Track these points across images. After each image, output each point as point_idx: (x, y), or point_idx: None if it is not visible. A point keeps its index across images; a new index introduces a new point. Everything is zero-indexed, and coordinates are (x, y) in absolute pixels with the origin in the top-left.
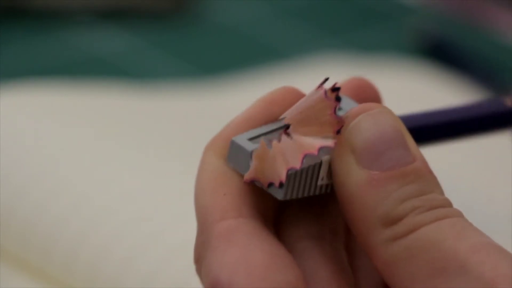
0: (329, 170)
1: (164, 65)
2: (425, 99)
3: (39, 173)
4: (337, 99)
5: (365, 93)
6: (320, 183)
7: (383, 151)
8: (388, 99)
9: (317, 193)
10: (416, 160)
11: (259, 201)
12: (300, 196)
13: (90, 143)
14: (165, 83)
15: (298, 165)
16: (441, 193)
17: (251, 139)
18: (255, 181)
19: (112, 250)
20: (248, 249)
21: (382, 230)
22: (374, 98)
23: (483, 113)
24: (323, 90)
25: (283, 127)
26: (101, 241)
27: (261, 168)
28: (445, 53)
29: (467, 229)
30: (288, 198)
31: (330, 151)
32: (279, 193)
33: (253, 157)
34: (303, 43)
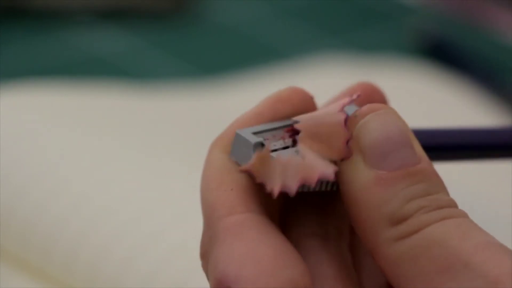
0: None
1: (164, 65)
2: (425, 99)
3: (39, 173)
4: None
5: (372, 98)
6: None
7: (390, 151)
8: (388, 99)
9: (317, 189)
10: (422, 161)
11: (265, 197)
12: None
13: (90, 143)
14: (165, 83)
15: (293, 191)
16: (447, 194)
17: (255, 133)
18: (250, 173)
19: (112, 250)
20: (255, 244)
21: (387, 229)
22: (381, 102)
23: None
24: (345, 117)
25: (288, 125)
26: (101, 241)
27: (259, 168)
28: (445, 53)
29: (472, 229)
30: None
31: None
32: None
33: (255, 155)
34: (303, 43)
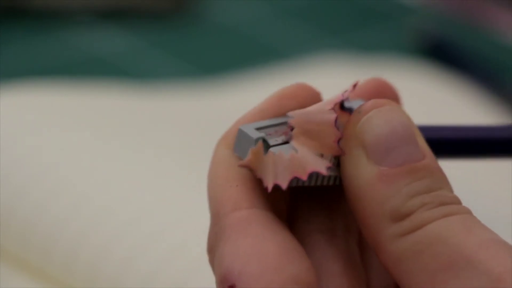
0: (336, 161)
1: (164, 65)
2: (425, 99)
3: (39, 173)
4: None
5: (384, 94)
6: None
7: (393, 147)
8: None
9: (312, 183)
10: (426, 157)
11: (272, 194)
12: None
13: (90, 143)
14: (165, 83)
15: (285, 185)
16: (451, 190)
17: (258, 129)
18: (249, 168)
19: (112, 250)
20: (260, 240)
21: (390, 225)
22: (393, 99)
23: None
24: (335, 117)
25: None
26: (101, 241)
27: (256, 163)
28: (445, 53)
29: (475, 226)
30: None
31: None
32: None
33: (249, 151)
34: (303, 43)
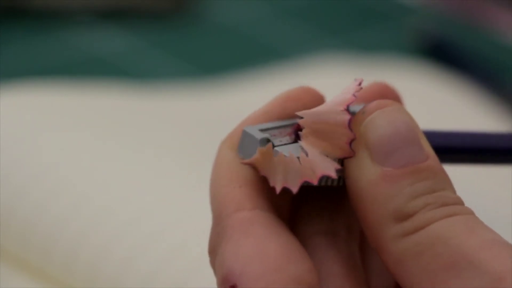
0: (341, 161)
1: (164, 65)
2: (425, 99)
3: (39, 173)
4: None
5: (387, 98)
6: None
7: (397, 148)
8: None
9: (322, 184)
10: (429, 158)
11: (274, 195)
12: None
13: (90, 143)
14: (165, 83)
15: (295, 189)
16: (453, 191)
17: (262, 130)
18: (253, 166)
19: (112, 250)
20: (262, 241)
21: (393, 226)
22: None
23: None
24: (349, 118)
25: (295, 124)
26: (101, 241)
27: (262, 163)
28: (445, 53)
29: (477, 226)
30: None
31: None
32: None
33: (257, 151)
34: (303, 43)
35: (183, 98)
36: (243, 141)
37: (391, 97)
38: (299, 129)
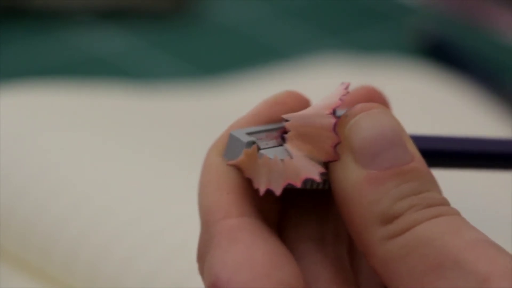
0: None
1: (164, 65)
2: (425, 99)
3: (39, 173)
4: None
5: (374, 101)
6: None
7: (381, 151)
8: (388, 99)
9: (307, 187)
10: (414, 159)
11: (262, 201)
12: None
13: (90, 143)
14: (165, 83)
15: (278, 192)
16: (439, 192)
17: (249, 134)
18: (238, 168)
19: (112, 250)
20: (249, 248)
21: (378, 228)
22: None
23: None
24: (334, 122)
25: (281, 128)
26: (101, 241)
27: (247, 164)
28: (445, 53)
29: (462, 226)
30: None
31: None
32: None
33: (243, 152)
34: (303, 43)
35: (183, 98)
36: (230, 145)
37: (378, 100)
38: (285, 132)
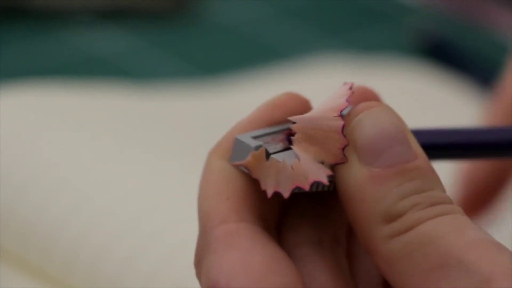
0: (331, 168)
1: (164, 65)
2: (425, 99)
3: (39, 173)
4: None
5: (367, 100)
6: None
7: (384, 149)
8: (388, 99)
9: (316, 190)
10: (417, 157)
11: (261, 206)
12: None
13: (90, 143)
14: (165, 83)
15: (287, 194)
16: (443, 190)
17: (254, 138)
18: (245, 168)
19: (112, 250)
20: (247, 253)
21: (382, 226)
22: None
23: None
24: (343, 124)
25: (287, 129)
26: (101, 241)
27: (254, 166)
28: (445, 53)
29: (466, 225)
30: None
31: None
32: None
33: (249, 155)
34: (303, 43)
35: (183, 98)
36: (236, 150)
37: (373, 99)
38: (291, 134)
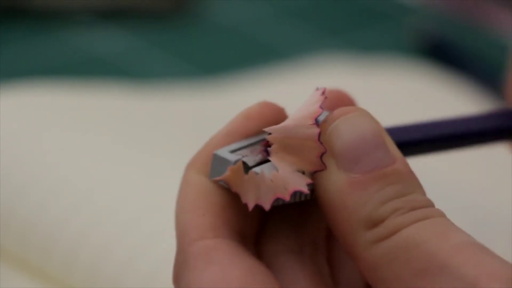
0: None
1: (164, 65)
2: (425, 99)
3: (39, 173)
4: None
5: (342, 104)
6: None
7: (362, 154)
8: (388, 99)
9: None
10: (396, 161)
11: (239, 219)
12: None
13: (90, 143)
14: (165, 83)
15: (268, 207)
16: (423, 193)
17: (232, 151)
18: (225, 182)
19: (112, 250)
20: (225, 267)
21: (364, 232)
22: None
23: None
24: (318, 132)
25: (263, 141)
26: (101, 241)
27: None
28: (445, 53)
29: (449, 229)
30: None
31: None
32: None
33: (227, 169)
34: (303, 43)
35: (183, 98)
36: (215, 165)
37: (348, 103)
38: (269, 145)
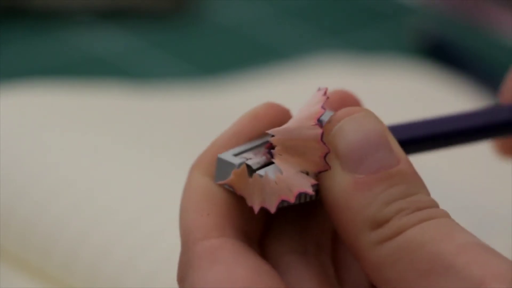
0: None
1: (164, 65)
2: (425, 99)
3: (39, 173)
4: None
5: (347, 104)
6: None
7: (367, 155)
8: (388, 99)
9: (297, 203)
10: (400, 162)
11: (244, 220)
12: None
13: (90, 143)
14: (165, 83)
15: (273, 209)
16: (427, 194)
17: (236, 155)
18: (229, 186)
19: (112, 250)
20: (230, 267)
21: (368, 233)
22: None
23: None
24: (321, 132)
25: (266, 143)
26: (101, 241)
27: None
28: (445, 53)
29: (453, 229)
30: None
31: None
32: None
33: (231, 173)
34: (303, 43)
35: (183, 98)
36: (219, 169)
37: (353, 103)
38: (272, 147)
